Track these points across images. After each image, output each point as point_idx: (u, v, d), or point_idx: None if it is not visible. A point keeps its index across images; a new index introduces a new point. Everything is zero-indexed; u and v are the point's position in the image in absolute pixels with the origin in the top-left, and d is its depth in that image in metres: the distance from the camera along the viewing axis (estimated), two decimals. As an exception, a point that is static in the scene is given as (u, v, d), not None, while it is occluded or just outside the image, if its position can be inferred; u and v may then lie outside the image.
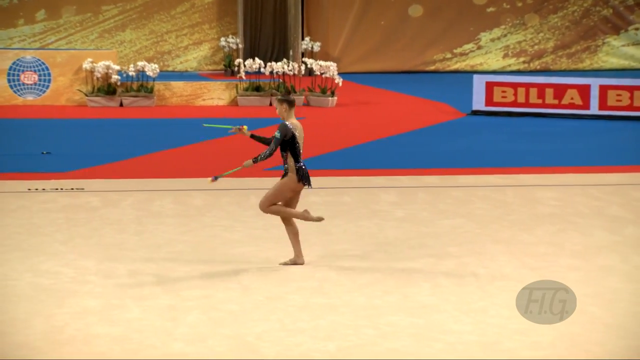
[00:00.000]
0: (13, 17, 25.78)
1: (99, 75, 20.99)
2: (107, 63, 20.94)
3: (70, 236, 11.06)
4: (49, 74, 21.14)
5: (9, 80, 20.96)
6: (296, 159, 9.84)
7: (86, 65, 20.98)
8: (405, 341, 8.00)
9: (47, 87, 21.12)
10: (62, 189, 13.35)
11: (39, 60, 21.15)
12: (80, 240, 10.92)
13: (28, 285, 9.25)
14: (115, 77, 20.98)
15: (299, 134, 9.87)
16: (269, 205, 9.97)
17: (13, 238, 10.88)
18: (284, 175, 9.94)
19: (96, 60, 21.09)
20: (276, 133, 9.78)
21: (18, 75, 21.01)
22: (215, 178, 9.95)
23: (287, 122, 9.83)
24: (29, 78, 21.06)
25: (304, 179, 9.87)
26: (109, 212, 12.24)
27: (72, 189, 13.38)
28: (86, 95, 21.05)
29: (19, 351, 7.67)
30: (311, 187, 9.99)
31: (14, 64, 21.01)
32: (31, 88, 21.08)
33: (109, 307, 8.71)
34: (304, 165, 9.90)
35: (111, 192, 13.40)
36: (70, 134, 18.23)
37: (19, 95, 20.98)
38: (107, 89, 21.10)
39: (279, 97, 10.00)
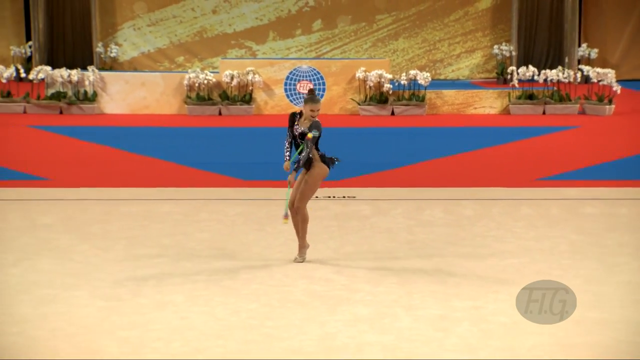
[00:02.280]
0: (291, 28, 26.48)
1: (371, 84, 21.24)
2: (379, 72, 21.16)
3: (342, 244, 11.20)
4: (324, 83, 21.57)
5: (285, 90, 21.54)
6: (317, 149, 10.32)
7: (359, 74, 21.28)
8: (687, 362, 7.62)
9: (322, 96, 21.55)
10: (334, 196, 13.56)
11: (314, 69, 21.62)
12: (351, 248, 11.05)
13: (302, 292, 9.43)
14: (387, 86, 21.17)
15: None
16: (306, 203, 10.31)
17: (287, 245, 11.12)
18: (307, 168, 10.25)
19: (369, 69, 21.36)
20: (314, 132, 10.13)
21: (294, 84, 21.56)
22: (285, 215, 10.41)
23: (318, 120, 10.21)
24: (305, 87, 21.56)
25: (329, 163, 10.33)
26: (380, 220, 12.32)
27: (344, 197, 13.57)
28: (358, 104, 21.34)
29: (293, 356, 7.81)
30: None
31: (290, 73, 21.57)
32: (306, 97, 21.57)
33: (379, 315, 8.74)
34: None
35: (382, 200, 13.49)
36: (342, 142, 18.50)
37: (295, 104, 21.50)
38: (379, 98, 21.32)
39: (315, 99, 10.22)
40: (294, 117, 10.39)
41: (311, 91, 10.41)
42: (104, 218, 12.33)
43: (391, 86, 21.24)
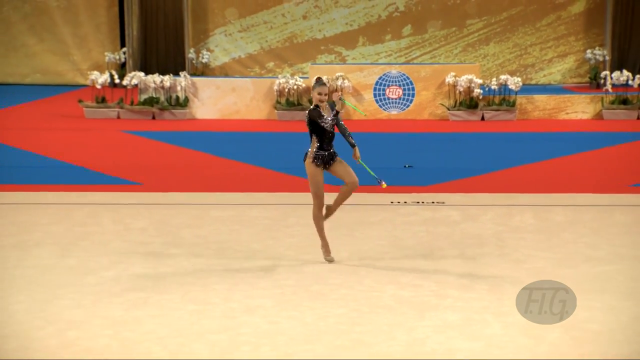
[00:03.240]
0: (381, 33, 26.49)
1: (461, 89, 21.14)
2: (469, 77, 21.05)
3: (431, 249, 11.17)
4: (413, 88, 21.53)
5: (374, 95, 21.54)
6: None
7: (449, 79, 21.20)
8: None
9: (411, 101, 21.52)
10: (423, 202, 13.52)
11: (404, 74, 21.59)
12: (440, 253, 11.00)
13: (391, 297, 9.42)
14: (477, 91, 21.04)
15: None
16: None
17: (376, 250, 11.13)
18: (333, 159, 10.56)
19: (459, 74, 21.26)
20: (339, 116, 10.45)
21: (384, 89, 21.55)
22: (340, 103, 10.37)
23: None
24: (394, 92, 21.55)
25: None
26: (469, 226, 12.25)
27: (433, 202, 13.52)
28: (448, 109, 21.25)
29: (380, 362, 7.83)
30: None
31: (380, 78, 21.57)
32: (395, 102, 21.55)
33: (469, 321, 8.70)
34: None
35: (471, 206, 13.42)
36: (431, 147, 18.46)
37: (384, 109, 21.50)
38: (469, 103, 21.20)
39: (322, 82, 10.37)
40: (319, 111, 10.44)
41: (319, 78, 10.57)
42: (195, 222, 12.45)
43: (481, 91, 21.11)
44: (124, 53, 25.82)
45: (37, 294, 9.55)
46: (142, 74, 21.80)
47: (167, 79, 21.50)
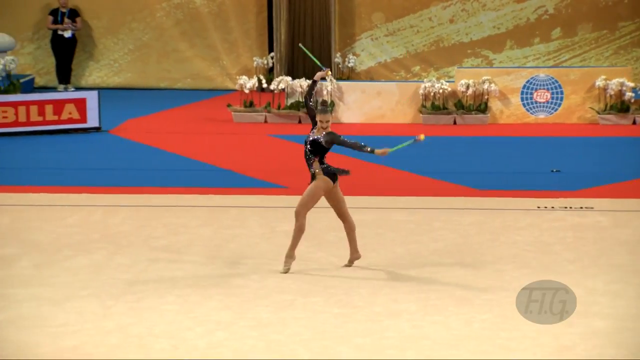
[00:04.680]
0: (529, 36, 26.14)
1: (611, 93, 20.73)
2: (621, 80, 20.63)
3: (579, 255, 11.00)
4: (562, 92, 21.21)
5: (522, 99, 21.30)
6: (322, 161, 10.57)
7: (599, 82, 20.81)
8: None
9: (559, 105, 21.20)
10: (571, 207, 13.32)
11: (552, 78, 21.29)
12: (588, 260, 10.82)
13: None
14: (629, 95, 20.60)
15: None
16: (306, 212, 10.44)
17: (522, 255, 11.02)
18: (312, 179, 10.47)
19: (609, 77, 20.85)
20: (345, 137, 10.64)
21: (531, 93, 21.30)
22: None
23: None
24: (542, 96, 21.27)
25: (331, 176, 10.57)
26: (619, 232, 12.02)
27: (581, 207, 13.31)
28: (598, 113, 20.87)
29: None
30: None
31: (527, 82, 21.32)
32: (543, 106, 21.27)
33: (618, 329, 8.54)
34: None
35: (621, 211, 13.15)
36: (580, 152, 18.16)
37: (531, 113, 21.24)
38: (620, 107, 20.78)
39: (324, 109, 10.49)
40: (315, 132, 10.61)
41: (324, 102, 10.71)
42: (339, 225, 12.50)
43: (633, 94, 20.66)
44: (272, 58, 26.14)
45: (186, 295, 9.76)
46: (289, 78, 22.02)
47: (314, 84, 21.67)
